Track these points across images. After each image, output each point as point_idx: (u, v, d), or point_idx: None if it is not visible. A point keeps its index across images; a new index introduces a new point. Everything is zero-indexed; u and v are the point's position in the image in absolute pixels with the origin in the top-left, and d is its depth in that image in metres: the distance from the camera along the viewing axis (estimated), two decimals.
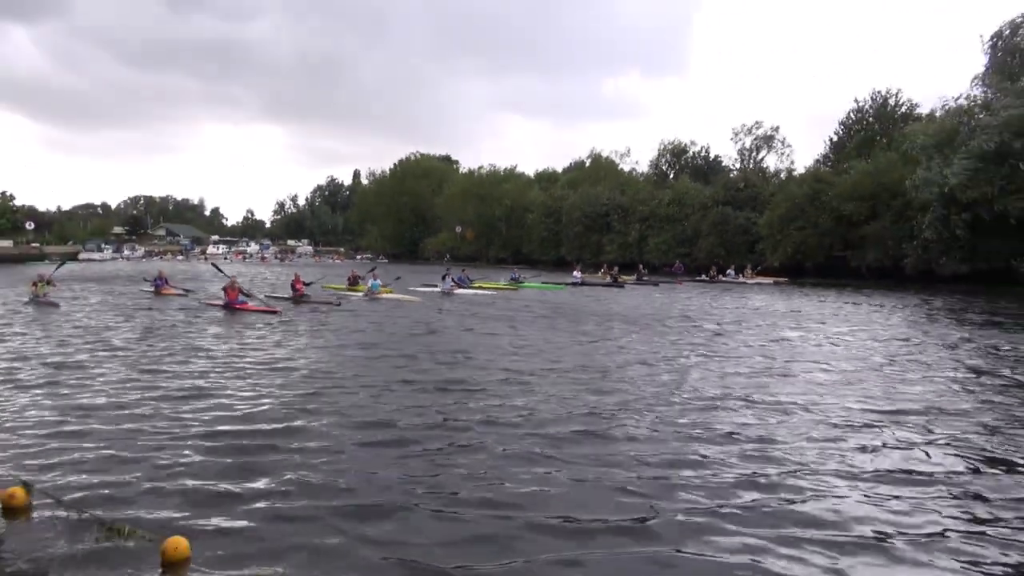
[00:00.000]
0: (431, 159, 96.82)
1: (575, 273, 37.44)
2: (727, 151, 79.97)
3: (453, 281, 27.68)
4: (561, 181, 75.63)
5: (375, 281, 24.01)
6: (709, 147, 68.88)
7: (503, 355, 11.86)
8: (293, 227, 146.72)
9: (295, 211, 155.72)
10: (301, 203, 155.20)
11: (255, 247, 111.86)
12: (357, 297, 23.84)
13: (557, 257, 65.38)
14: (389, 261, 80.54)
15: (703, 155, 68.21)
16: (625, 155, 77.55)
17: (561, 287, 32.38)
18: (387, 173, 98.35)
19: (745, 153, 64.81)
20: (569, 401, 8.23)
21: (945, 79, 58.44)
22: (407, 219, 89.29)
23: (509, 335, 14.63)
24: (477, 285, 29.40)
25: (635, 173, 72.97)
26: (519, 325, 16.67)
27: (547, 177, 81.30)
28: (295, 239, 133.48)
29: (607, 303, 23.78)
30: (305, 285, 22.04)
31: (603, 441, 6.62)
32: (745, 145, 64.44)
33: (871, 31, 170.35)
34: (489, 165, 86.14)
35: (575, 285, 34.15)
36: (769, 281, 38.88)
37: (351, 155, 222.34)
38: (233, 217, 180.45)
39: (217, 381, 9.29)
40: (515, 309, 20.90)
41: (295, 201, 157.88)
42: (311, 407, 7.76)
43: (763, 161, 63.43)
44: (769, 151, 63.54)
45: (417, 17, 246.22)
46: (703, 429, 7.12)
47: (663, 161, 70.06)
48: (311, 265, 66.66)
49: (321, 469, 5.66)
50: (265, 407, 7.79)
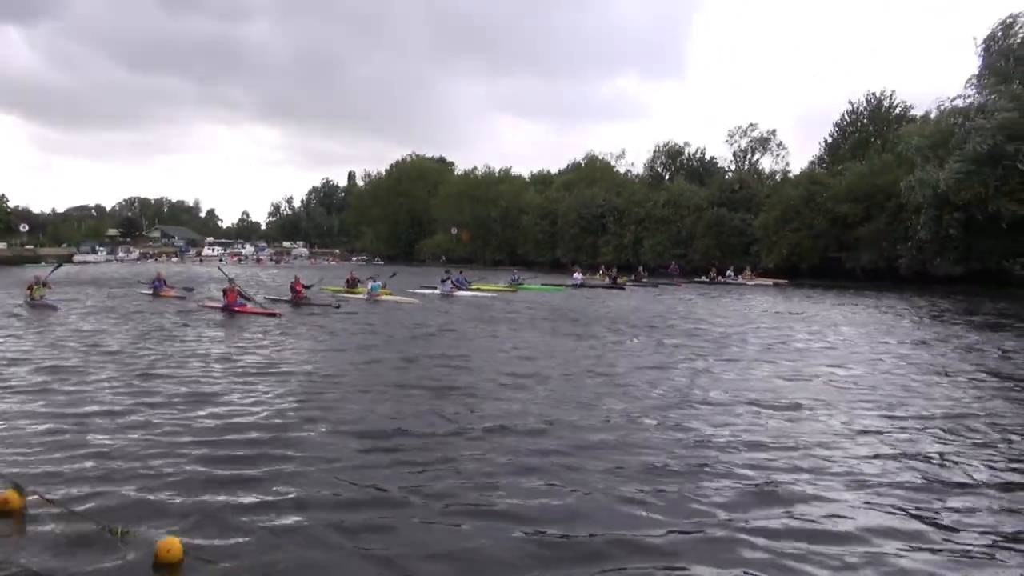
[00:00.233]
0: (427, 160, 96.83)
1: (575, 275, 37.52)
2: (723, 153, 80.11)
3: (452, 283, 27.76)
4: (556, 183, 75.81)
5: (375, 283, 24.04)
6: (705, 149, 69.36)
7: (505, 359, 11.68)
8: (288, 229, 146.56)
9: (290, 213, 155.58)
10: (296, 205, 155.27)
11: (250, 249, 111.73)
12: (357, 299, 23.84)
13: (553, 259, 65.52)
14: (385, 263, 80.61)
15: (698, 157, 68.48)
16: (620, 156, 77.67)
17: (560, 289, 32.43)
18: (383, 175, 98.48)
19: (740, 155, 65.08)
20: (573, 408, 8.06)
21: (945, 79, 58.74)
22: (403, 221, 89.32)
23: (511, 339, 14.46)
24: (475, 287, 29.43)
25: (630, 175, 73.19)
26: (520, 328, 16.50)
27: (543, 179, 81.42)
28: (290, 241, 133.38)
29: (609, 305, 23.65)
30: (305, 288, 22.08)
31: (607, 449, 6.48)
32: (740, 147, 64.70)
33: (871, 31, 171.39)
34: (484, 166, 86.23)
35: (575, 287, 34.21)
36: (768, 283, 39.01)
37: (347, 156, 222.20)
38: (228, 219, 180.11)
39: (215, 384, 9.23)
40: (516, 311, 20.80)
41: (290, 203, 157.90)
42: (309, 411, 7.69)
43: (758, 163, 63.72)
44: (764, 153, 63.83)
45: (414, 18, 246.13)
46: (714, 436, 6.97)
47: (658, 163, 70.29)
48: (307, 267, 66.71)
49: (317, 475, 5.61)
50: (262, 411, 7.73)
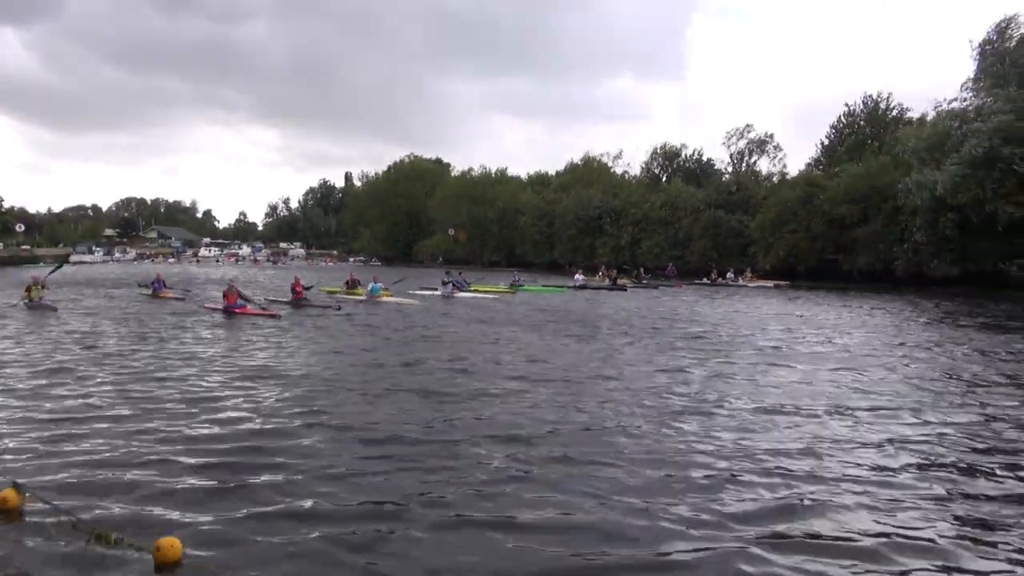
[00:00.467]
0: (424, 161, 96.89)
1: (577, 276, 37.59)
2: (720, 155, 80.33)
3: (453, 285, 27.77)
4: (554, 184, 75.96)
5: (375, 284, 24.05)
6: (702, 150, 69.52)
7: (509, 363, 11.45)
8: (286, 230, 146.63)
9: (287, 214, 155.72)
10: (293, 206, 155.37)
11: (247, 250, 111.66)
12: (357, 300, 23.86)
13: (550, 259, 65.69)
14: (382, 264, 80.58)
15: (695, 158, 68.66)
16: (618, 157, 77.88)
17: (561, 290, 32.43)
18: (380, 176, 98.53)
19: (737, 157, 65.25)
20: (580, 414, 7.86)
21: (946, 79, 58.80)
22: (400, 222, 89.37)
23: (514, 341, 14.20)
24: (474, 288, 29.44)
25: (628, 176, 73.38)
26: (524, 331, 16.26)
27: (540, 180, 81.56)
28: (287, 242, 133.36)
29: (611, 307, 23.47)
30: (305, 289, 22.10)
31: (611, 456, 6.29)
32: (738, 148, 64.88)
33: (871, 32, 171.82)
34: (480, 167, 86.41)
35: (576, 288, 34.25)
36: (769, 284, 38.93)
37: (344, 157, 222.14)
38: (225, 219, 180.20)
39: (214, 387, 9.18)
40: (518, 313, 20.65)
41: (287, 204, 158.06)
42: (309, 416, 7.62)
43: (755, 164, 63.90)
44: (762, 155, 64.01)
45: (410, 18, 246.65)
46: (727, 443, 6.74)
47: (655, 164, 70.43)
48: (304, 268, 66.59)
49: (317, 480, 5.57)
50: (262, 415, 7.68)
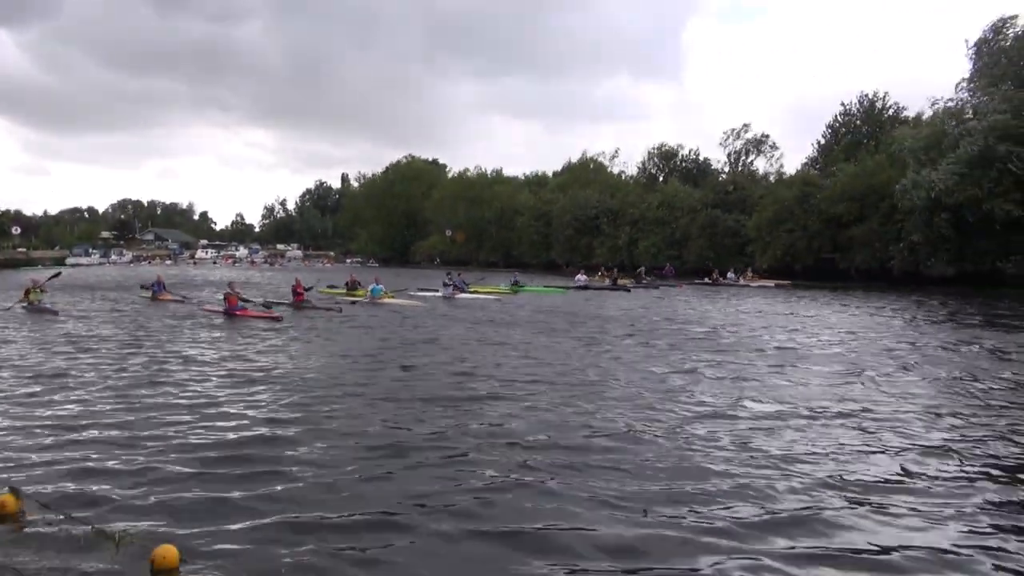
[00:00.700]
0: (421, 162, 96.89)
1: (578, 276, 37.63)
2: (717, 155, 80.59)
3: (454, 286, 27.84)
4: (551, 184, 76.05)
5: (377, 286, 24.06)
6: (698, 150, 69.63)
7: (513, 366, 11.25)
8: (282, 231, 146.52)
9: (284, 215, 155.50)
10: (290, 207, 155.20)
11: (244, 251, 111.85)
12: (358, 302, 23.84)
13: (548, 260, 65.74)
14: (379, 265, 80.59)
15: (692, 158, 68.77)
16: (614, 156, 78.03)
17: (561, 291, 32.44)
18: (377, 176, 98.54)
19: (734, 156, 65.43)
20: (586, 419, 7.68)
21: (945, 79, 59.01)
22: (397, 223, 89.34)
23: (520, 344, 14.02)
24: (474, 289, 29.42)
25: (624, 175, 73.51)
26: (531, 333, 16.06)
27: (537, 180, 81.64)
28: (284, 243, 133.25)
29: (616, 308, 23.24)
30: (306, 290, 22.09)
31: (616, 461, 6.17)
32: (735, 149, 65.06)
33: (871, 32, 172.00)
34: (476, 168, 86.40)
35: (578, 288, 34.27)
36: (771, 284, 38.70)
37: (340, 158, 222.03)
38: (222, 221, 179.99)
39: (214, 390, 9.15)
40: (522, 315, 20.53)
41: (284, 205, 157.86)
42: (309, 420, 7.56)
43: (752, 164, 64.08)
44: (758, 155, 64.21)
45: (407, 19, 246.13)
46: (744, 449, 6.53)
47: (652, 164, 70.57)
48: (301, 269, 66.52)
49: (315, 486, 5.52)
50: (262, 417, 7.64)
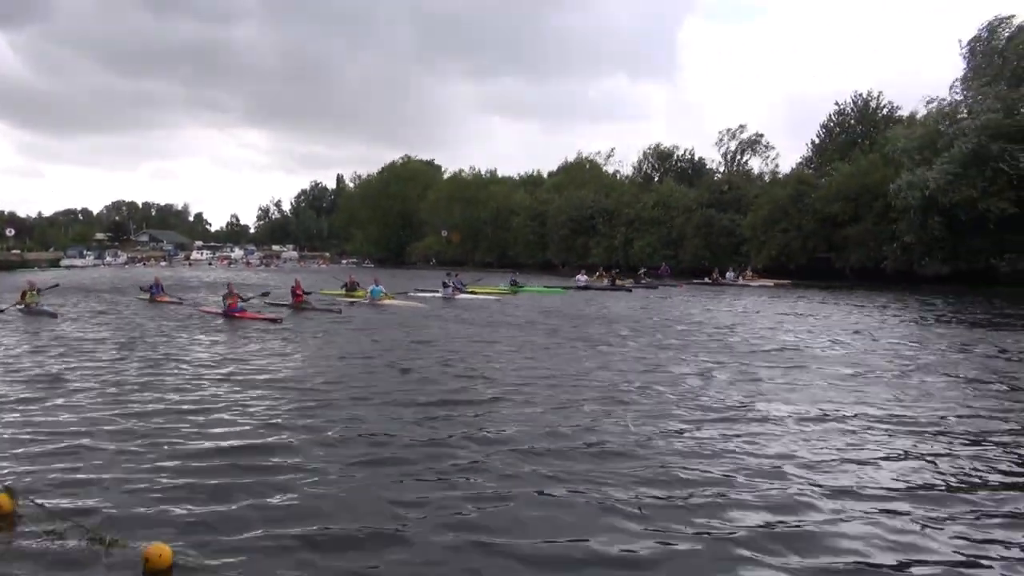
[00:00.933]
0: (416, 163, 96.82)
1: (579, 276, 37.73)
2: (713, 155, 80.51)
3: (454, 286, 27.91)
4: (546, 184, 76.12)
5: (376, 287, 24.11)
6: (693, 149, 69.83)
7: (516, 368, 11.12)
8: (278, 232, 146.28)
9: (279, 216, 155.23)
10: (285, 208, 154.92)
11: (240, 252, 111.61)
12: (357, 303, 23.81)
13: (543, 260, 65.74)
14: (375, 266, 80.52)
15: (687, 158, 68.96)
16: (610, 155, 78.10)
17: (560, 291, 32.48)
18: (372, 177, 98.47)
19: (729, 156, 65.67)
20: (584, 422, 7.57)
21: (946, 77, 59.34)
22: (393, 223, 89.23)
23: (520, 345, 13.92)
24: (472, 290, 29.44)
25: (620, 175, 73.64)
26: (530, 334, 15.95)
27: (532, 180, 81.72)
28: (280, 244, 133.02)
29: (617, 309, 23.19)
30: (305, 293, 22.10)
31: (619, 465, 6.10)
32: (730, 148, 65.29)
33: (869, 31, 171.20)
34: (471, 168, 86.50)
35: (579, 288, 34.35)
36: (770, 283, 38.52)
37: (336, 159, 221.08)
38: (217, 222, 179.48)
39: (210, 393, 9.15)
40: (522, 315, 20.42)
41: (279, 206, 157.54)
42: (306, 423, 7.55)
43: (747, 164, 64.33)
44: (753, 155, 64.47)
45: (401, 19, 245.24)
46: (749, 456, 6.41)
47: (647, 164, 70.73)
48: (297, 270, 66.46)
49: (312, 489, 5.51)
50: (258, 421, 7.65)
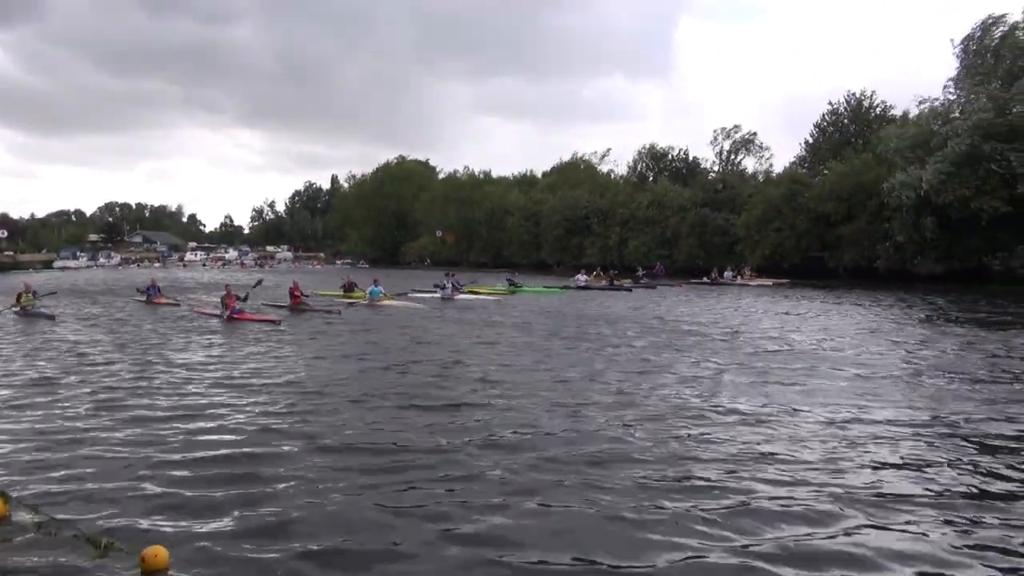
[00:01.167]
0: (411, 163, 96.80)
1: (579, 276, 37.90)
2: (707, 154, 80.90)
3: (453, 286, 27.97)
4: (540, 184, 76.26)
5: (375, 288, 24.11)
6: (687, 149, 70.06)
7: (516, 371, 11.03)
8: (272, 233, 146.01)
9: (273, 217, 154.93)
10: (280, 208, 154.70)
11: (234, 253, 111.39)
12: (356, 304, 23.81)
13: (538, 260, 65.79)
14: (370, 266, 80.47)
15: (682, 157, 69.18)
16: (605, 155, 78.29)
17: (559, 291, 32.53)
18: (367, 177, 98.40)
19: (724, 156, 65.92)
20: (591, 428, 7.45)
21: (945, 77, 59.55)
22: (387, 223, 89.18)
23: (522, 346, 13.79)
24: (470, 290, 29.51)
25: (614, 175, 73.84)
26: (533, 335, 15.87)
27: (526, 180, 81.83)
28: (274, 245, 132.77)
29: (618, 309, 23.07)
30: (303, 295, 22.05)
31: (628, 472, 5.97)
32: (724, 148, 65.54)
33: (867, 30, 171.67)
34: (466, 168, 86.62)
35: (578, 288, 34.46)
36: (769, 283, 38.46)
37: (330, 159, 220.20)
38: (211, 223, 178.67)
39: (206, 396, 9.10)
40: (522, 316, 20.40)
41: (273, 207, 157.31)
42: (304, 426, 7.51)
43: (741, 163, 64.57)
44: (747, 154, 64.72)
45: (398, 19, 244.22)
46: (756, 461, 6.28)
47: (642, 164, 70.92)
48: (292, 271, 66.33)
49: (308, 491, 5.49)
50: (255, 424, 7.60)
